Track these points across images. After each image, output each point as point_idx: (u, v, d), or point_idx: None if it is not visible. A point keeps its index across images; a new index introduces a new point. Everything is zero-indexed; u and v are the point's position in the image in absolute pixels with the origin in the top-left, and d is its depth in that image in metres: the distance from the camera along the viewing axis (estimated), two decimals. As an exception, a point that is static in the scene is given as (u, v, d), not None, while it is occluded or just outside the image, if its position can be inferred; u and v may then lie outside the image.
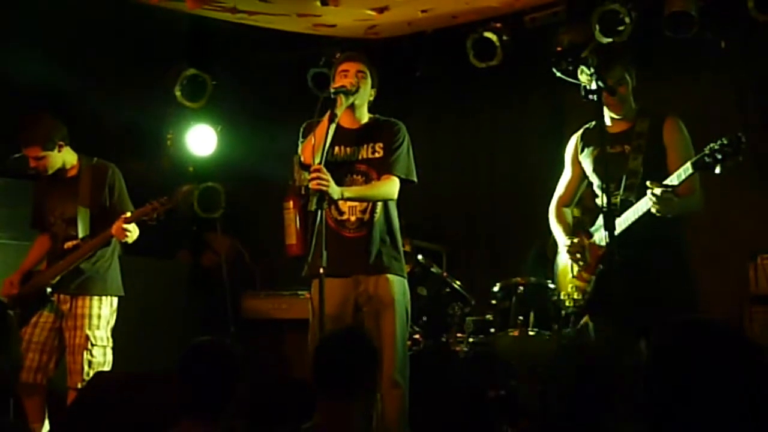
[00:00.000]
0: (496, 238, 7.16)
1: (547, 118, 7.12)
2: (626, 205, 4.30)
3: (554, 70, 3.97)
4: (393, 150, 4.65)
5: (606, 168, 4.20)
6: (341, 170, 4.57)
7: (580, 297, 4.55)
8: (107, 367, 5.12)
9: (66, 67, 6.28)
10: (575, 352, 4.93)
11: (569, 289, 4.62)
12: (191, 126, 7.41)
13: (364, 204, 4.64)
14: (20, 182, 5.91)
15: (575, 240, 4.60)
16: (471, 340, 5.57)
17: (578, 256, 4.55)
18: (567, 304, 4.63)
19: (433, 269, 5.79)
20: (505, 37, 6.66)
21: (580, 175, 4.77)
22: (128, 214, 5.03)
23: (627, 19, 6.15)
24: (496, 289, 5.54)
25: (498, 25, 6.65)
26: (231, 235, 7.67)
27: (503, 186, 7.22)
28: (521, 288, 5.38)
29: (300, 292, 6.69)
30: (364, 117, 4.74)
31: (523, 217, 6.96)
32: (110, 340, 5.20)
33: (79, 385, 4.97)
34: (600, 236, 4.47)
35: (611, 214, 3.76)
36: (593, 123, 4.63)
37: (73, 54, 6.47)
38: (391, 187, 4.62)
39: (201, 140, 7.42)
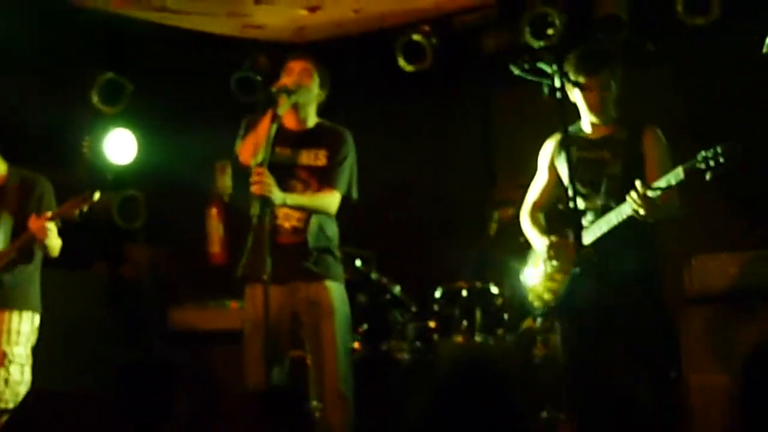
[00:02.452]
0: (426, 242, 7.06)
1: (475, 119, 7.08)
2: (606, 210, 4.29)
3: (512, 68, 3.87)
4: (338, 162, 4.53)
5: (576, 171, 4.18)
6: (279, 173, 4.37)
7: (551, 298, 4.48)
8: (25, 387, 4.89)
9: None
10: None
11: (540, 290, 4.55)
12: (109, 132, 7.12)
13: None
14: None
15: (553, 240, 4.54)
16: (413, 347, 5.47)
17: (553, 255, 4.50)
18: (536, 305, 4.56)
19: (372, 276, 5.66)
20: (434, 40, 6.59)
21: (555, 180, 4.68)
22: (49, 213, 4.81)
23: (557, 22, 6.15)
24: (438, 294, 5.45)
25: (426, 28, 6.58)
26: (152, 244, 7.42)
27: (432, 190, 7.13)
28: (465, 293, 5.30)
29: (227, 301, 6.49)
30: (310, 119, 4.59)
31: (452, 220, 6.91)
32: (30, 357, 4.97)
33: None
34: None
35: (577, 215, 3.71)
36: (571, 127, 4.58)
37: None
38: (333, 201, 4.52)
39: (120, 147, 7.14)
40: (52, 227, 4.82)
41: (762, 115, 5.88)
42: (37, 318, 5.03)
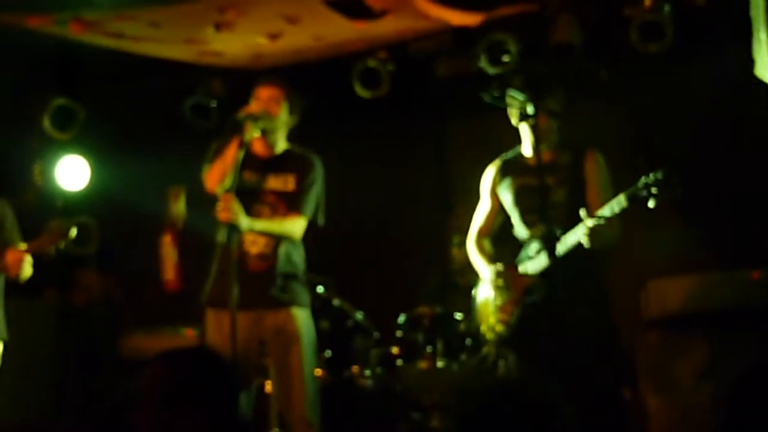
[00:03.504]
0: (385, 268, 7.05)
1: (431, 145, 7.11)
2: (552, 238, 4.21)
3: (483, 96, 3.88)
4: (305, 188, 4.50)
5: (526, 198, 4.18)
6: (247, 197, 4.34)
7: (503, 329, 4.46)
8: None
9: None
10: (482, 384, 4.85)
11: (491, 321, 4.52)
12: (61, 158, 7.03)
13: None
14: None
15: (501, 270, 4.51)
16: (376, 373, 5.45)
17: (502, 286, 4.46)
18: (489, 336, 4.52)
19: (334, 302, 5.63)
20: (389, 67, 6.61)
21: (498, 206, 4.68)
22: (24, 246, 4.71)
23: (512, 49, 6.21)
24: (401, 320, 5.44)
25: (383, 54, 6.60)
26: (105, 271, 7.31)
27: (389, 215, 7.13)
28: (427, 318, 5.30)
29: (182, 328, 6.42)
30: (279, 145, 4.56)
31: (410, 246, 6.92)
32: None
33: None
34: (524, 268, 4.43)
35: (553, 243, 3.72)
36: (510, 153, 4.61)
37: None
38: (298, 226, 4.48)
39: (72, 173, 7.05)
40: (27, 260, 4.75)
41: (716, 142, 6.01)
42: (1, 345, 4.92)
